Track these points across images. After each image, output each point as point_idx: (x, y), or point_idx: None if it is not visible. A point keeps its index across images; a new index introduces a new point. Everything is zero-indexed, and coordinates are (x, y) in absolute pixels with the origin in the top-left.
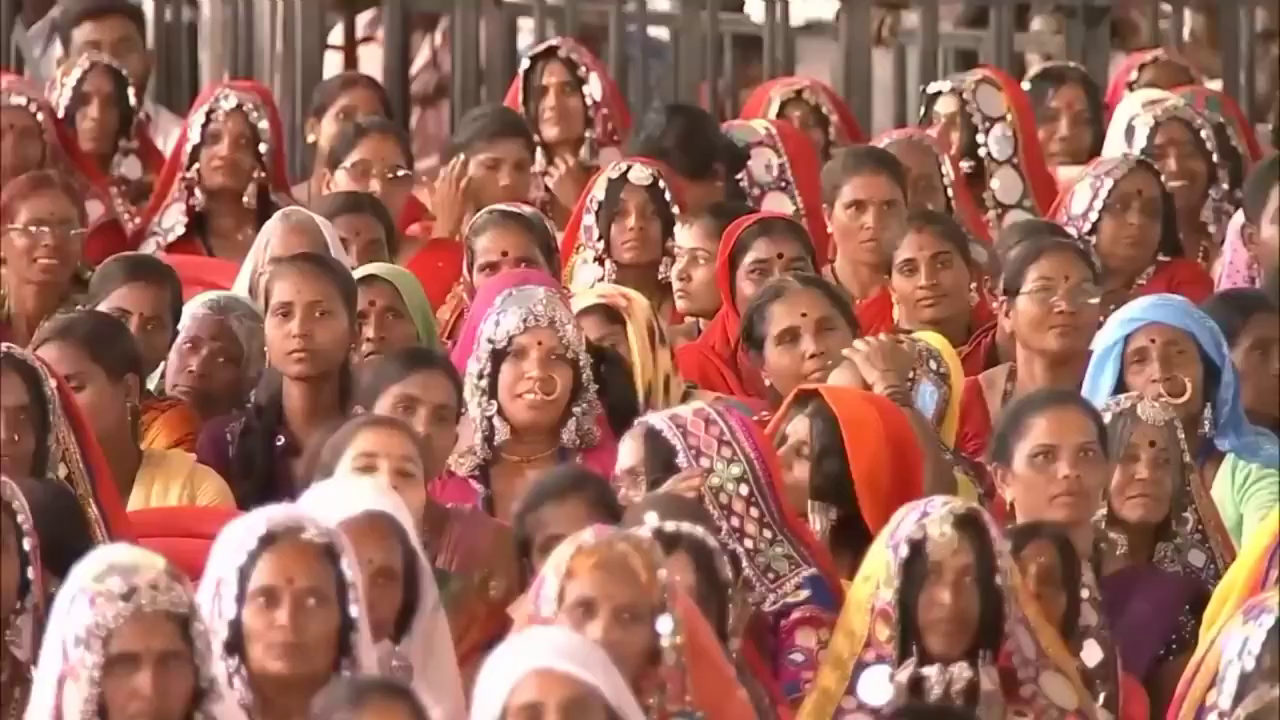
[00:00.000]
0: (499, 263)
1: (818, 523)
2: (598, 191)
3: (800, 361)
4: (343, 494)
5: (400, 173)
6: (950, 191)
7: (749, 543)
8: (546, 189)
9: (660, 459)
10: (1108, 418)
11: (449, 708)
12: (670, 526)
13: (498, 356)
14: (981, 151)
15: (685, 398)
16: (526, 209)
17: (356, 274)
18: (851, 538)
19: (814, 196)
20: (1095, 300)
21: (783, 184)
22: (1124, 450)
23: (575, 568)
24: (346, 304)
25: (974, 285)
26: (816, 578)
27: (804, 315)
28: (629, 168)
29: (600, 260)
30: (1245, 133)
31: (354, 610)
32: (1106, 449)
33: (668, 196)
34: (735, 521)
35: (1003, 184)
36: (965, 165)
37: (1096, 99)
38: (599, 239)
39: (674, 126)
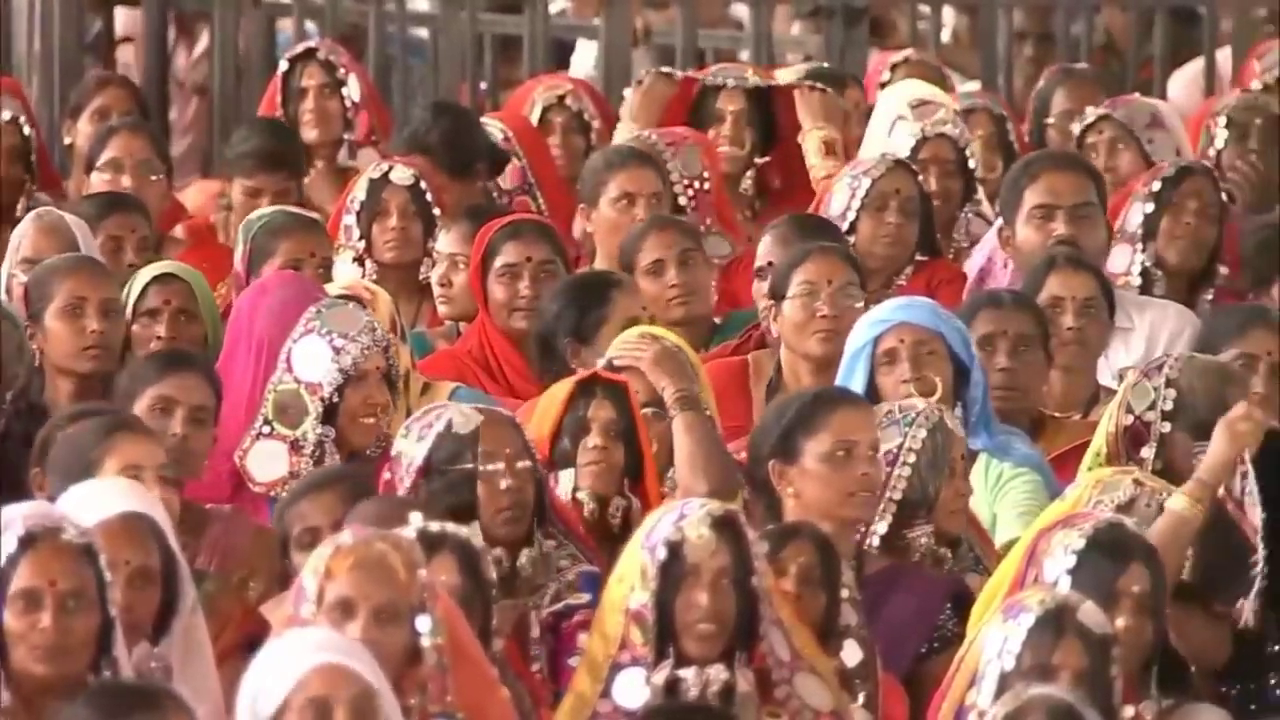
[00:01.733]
0: (304, 262)
1: (634, 502)
2: (359, 192)
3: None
4: (99, 495)
5: (156, 175)
6: (676, 189)
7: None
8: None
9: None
10: (919, 431)
11: (208, 708)
12: (435, 527)
13: (343, 383)
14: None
15: (425, 390)
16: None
17: (155, 270)
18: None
19: (557, 195)
20: (860, 304)
21: (526, 187)
22: (946, 465)
23: (333, 568)
24: (122, 305)
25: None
26: (597, 576)
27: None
28: (390, 168)
29: (360, 260)
30: (1017, 131)
31: (113, 610)
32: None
33: (429, 197)
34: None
35: None
36: (760, 160)
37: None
38: (360, 239)
39: (439, 125)
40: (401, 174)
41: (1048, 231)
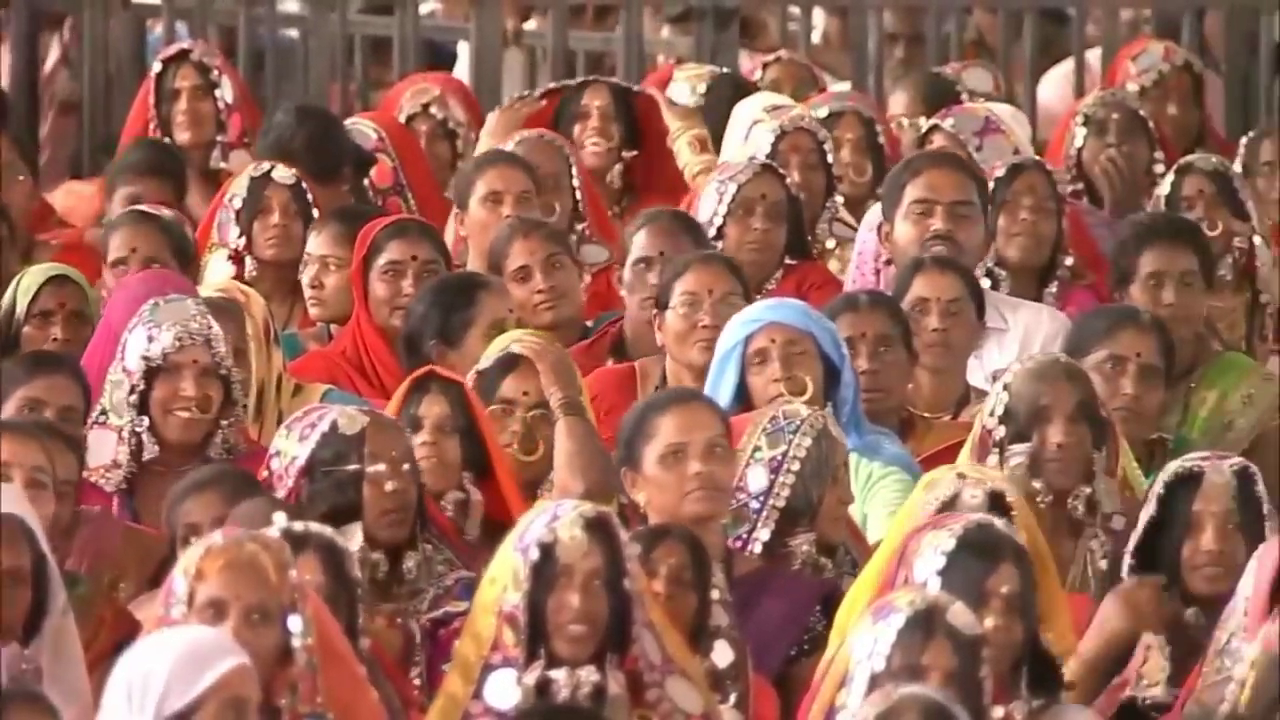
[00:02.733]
0: (128, 259)
1: (475, 494)
2: (239, 189)
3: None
4: None
5: (21, 176)
6: (578, 191)
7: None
8: None
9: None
10: (803, 439)
11: (78, 710)
12: (299, 527)
13: (151, 373)
14: None
15: (297, 393)
16: (166, 211)
17: (48, 272)
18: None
19: (430, 196)
20: None
21: (398, 188)
22: (830, 473)
23: (205, 569)
24: None
25: (586, 282)
26: (473, 583)
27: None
28: (273, 166)
29: (239, 258)
30: (887, 133)
31: None
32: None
33: (310, 197)
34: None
35: None
36: (628, 155)
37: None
38: (240, 236)
39: (303, 129)
40: (283, 173)
41: (925, 226)
